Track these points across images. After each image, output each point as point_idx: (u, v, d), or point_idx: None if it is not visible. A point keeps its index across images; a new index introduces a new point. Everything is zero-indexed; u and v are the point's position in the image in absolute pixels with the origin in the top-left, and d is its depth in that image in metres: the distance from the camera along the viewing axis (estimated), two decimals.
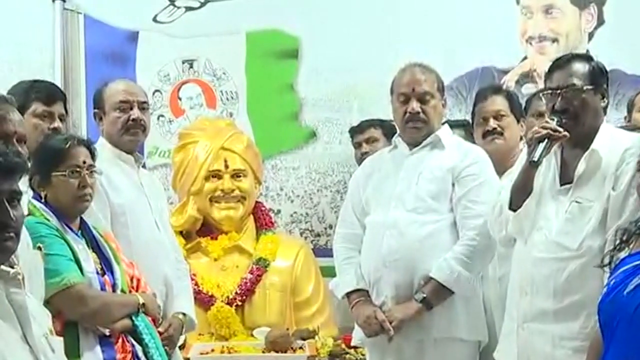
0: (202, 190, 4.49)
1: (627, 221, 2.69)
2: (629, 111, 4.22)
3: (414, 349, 3.47)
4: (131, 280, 3.05)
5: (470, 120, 4.01)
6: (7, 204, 2.02)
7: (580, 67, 3.04)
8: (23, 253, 2.24)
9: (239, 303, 4.32)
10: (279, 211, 5.06)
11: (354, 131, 4.71)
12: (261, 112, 5.08)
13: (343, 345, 4.03)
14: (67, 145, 2.98)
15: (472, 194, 3.45)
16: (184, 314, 3.45)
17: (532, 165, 3.01)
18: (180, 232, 4.46)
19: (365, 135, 4.60)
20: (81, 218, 3.04)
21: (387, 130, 4.48)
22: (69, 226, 2.95)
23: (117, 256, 3.05)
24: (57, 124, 3.45)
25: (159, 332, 3.10)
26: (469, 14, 5.05)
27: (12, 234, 2.04)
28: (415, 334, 3.44)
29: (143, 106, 3.57)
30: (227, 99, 5.11)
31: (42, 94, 3.45)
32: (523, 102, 4.12)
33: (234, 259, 4.49)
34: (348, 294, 3.59)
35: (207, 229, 4.55)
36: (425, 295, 3.40)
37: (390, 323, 3.40)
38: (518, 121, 3.84)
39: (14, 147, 2.56)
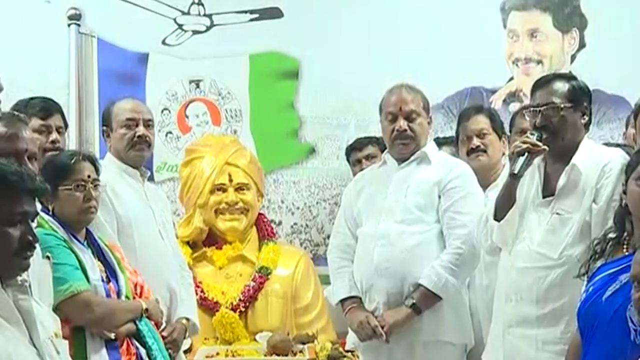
0: (207, 203, 4.47)
1: (605, 231, 2.69)
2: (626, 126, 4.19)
3: (404, 351, 3.46)
4: (135, 287, 3.04)
5: (456, 139, 4.00)
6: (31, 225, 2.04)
7: (560, 86, 3.05)
8: (32, 263, 2.23)
9: (243, 309, 4.30)
10: (280, 222, 5.04)
11: (352, 149, 4.68)
12: (263, 129, 5.07)
13: (341, 349, 4.01)
14: (73, 161, 2.99)
15: (457, 205, 3.45)
16: (187, 319, 3.43)
17: (513, 177, 3.02)
18: (187, 242, 4.45)
19: (364, 152, 4.57)
20: (87, 229, 3.03)
21: (384, 147, 4.45)
22: (75, 237, 2.95)
23: (121, 264, 3.04)
24: (54, 136, 3.45)
25: (163, 336, 3.10)
26: (459, 37, 5.05)
27: (33, 253, 2.07)
28: (405, 337, 3.44)
29: (148, 123, 3.56)
30: (232, 116, 5.09)
31: (36, 109, 3.45)
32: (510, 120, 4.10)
33: (237, 268, 4.47)
34: (342, 301, 3.58)
35: (212, 239, 4.53)
36: (414, 301, 3.39)
37: (382, 328, 3.39)
38: (500, 138, 3.84)
39: (26, 166, 2.53)
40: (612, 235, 2.62)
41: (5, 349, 1.92)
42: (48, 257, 2.62)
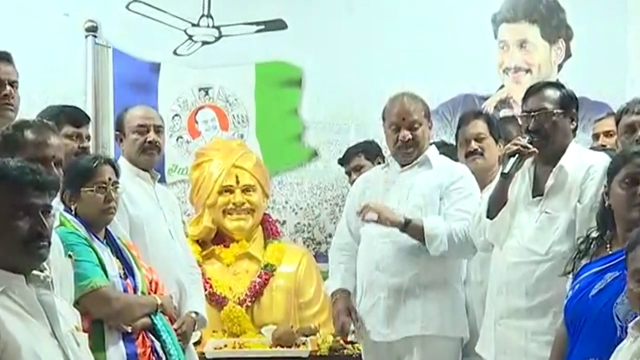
0: (216, 204, 4.47)
1: (587, 231, 2.70)
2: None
3: (403, 345, 3.43)
4: (150, 283, 3.05)
5: (455, 142, 3.99)
6: (42, 216, 2.03)
7: (552, 93, 3.05)
8: (55, 260, 2.26)
9: (249, 304, 4.30)
10: (284, 222, 5.05)
11: (342, 161, 4.67)
12: (268, 134, 5.08)
13: (341, 341, 3.99)
14: (95, 165, 2.99)
15: (459, 204, 3.43)
16: (196, 313, 3.42)
17: (504, 177, 3.03)
18: (197, 241, 4.44)
19: (351, 165, 4.54)
20: (106, 229, 3.04)
21: (371, 154, 4.47)
22: (96, 236, 2.96)
23: (138, 262, 3.05)
24: (86, 143, 3.45)
25: (174, 329, 3.08)
26: (454, 48, 5.07)
27: (45, 243, 2.05)
28: (404, 331, 3.42)
29: (158, 129, 3.56)
30: (239, 122, 5.10)
31: (71, 117, 3.46)
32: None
33: (244, 265, 4.46)
34: (333, 293, 3.58)
35: (220, 238, 4.53)
36: (410, 220, 3.35)
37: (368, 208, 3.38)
38: (497, 142, 3.82)
39: (51, 170, 2.54)
40: (594, 234, 2.62)
41: (29, 341, 1.93)
42: (70, 256, 2.63)
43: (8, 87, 3.06)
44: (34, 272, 2.05)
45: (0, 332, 1.88)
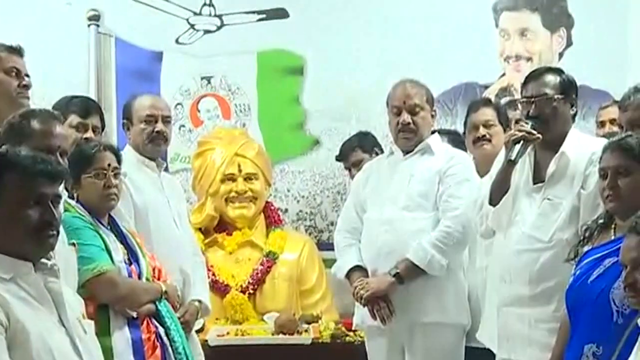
0: (218, 192, 4.48)
1: (589, 219, 2.70)
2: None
3: (405, 332, 3.45)
4: (153, 270, 3.05)
5: (463, 130, 4.00)
6: (52, 205, 2.04)
7: (552, 78, 3.05)
8: (59, 248, 2.25)
9: (251, 291, 4.32)
10: (286, 210, 5.04)
11: (340, 158, 4.66)
12: (270, 122, 5.07)
13: (343, 329, 4.01)
14: (94, 151, 3.00)
15: (452, 190, 3.44)
16: (199, 301, 3.43)
17: (510, 164, 3.02)
18: (200, 229, 4.44)
19: (349, 161, 4.54)
20: (110, 215, 3.05)
21: (367, 146, 4.46)
22: (100, 222, 2.97)
23: (142, 249, 3.06)
24: (89, 134, 3.45)
25: (177, 317, 3.09)
26: (455, 36, 5.04)
27: (55, 232, 2.07)
28: (406, 319, 3.43)
29: (166, 120, 3.56)
30: (241, 111, 5.09)
31: (78, 107, 3.47)
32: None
33: (246, 253, 4.47)
34: (350, 271, 3.56)
35: (223, 226, 4.54)
36: (398, 271, 3.38)
37: (366, 292, 3.40)
38: (505, 130, 3.82)
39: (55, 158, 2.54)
40: (601, 220, 2.63)
41: (38, 328, 1.94)
42: (74, 244, 2.63)
43: (27, 79, 3.10)
44: (42, 260, 2.06)
45: (10, 319, 1.89)
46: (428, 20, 5.09)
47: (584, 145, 2.99)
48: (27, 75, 3.13)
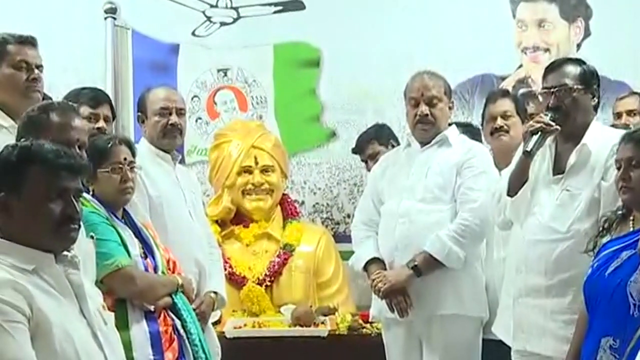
0: (235, 184, 4.48)
1: (609, 210, 2.69)
2: None
3: (423, 324, 3.45)
4: (167, 262, 3.06)
5: (481, 121, 3.98)
6: (74, 199, 2.06)
7: (572, 69, 3.03)
8: (78, 240, 2.26)
9: (268, 283, 4.33)
10: (303, 202, 5.05)
11: (356, 151, 4.65)
12: (287, 114, 5.08)
13: (360, 321, 4.01)
14: (110, 145, 3.00)
15: (470, 182, 3.43)
16: (215, 293, 3.43)
17: (526, 155, 3.00)
18: (216, 221, 4.45)
19: (365, 154, 4.53)
20: (124, 209, 3.05)
21: (383, 139, 4.44)
22: (115, 215, 2.97)
23: (156, 242, 3.06)
24: (101, 124, 3.47)
25: (192, 308, 3.10)
26: (472, 28, 5.03)
27: (76, 226, 2.08)
28: (424, 311, 3.43)
29: (181, 112, 3.56)
30: (257, 103, 5.10)
31: (87, 98, 3.48)
32: None
33: (263, 245, 4.48)
34: (368, 263, 3.56)
35: (239, 218, 4.54)
36: (416, 264, 3.38)
37: (384, 285, 3.40)
38: (522, 122, 3.80)
39: (77, 152, 2.55)
40: (620, 212, 2.61)
41: (60, 319, 1.95)
42: (92, 237, 2.64)
43: (36, 71, 3.09)
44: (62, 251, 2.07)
45: (33, 309, 1.90)
46: (445, 12, 5.08)
47: (605, 137, 2.96)
48: (39, 67, 3.12)
